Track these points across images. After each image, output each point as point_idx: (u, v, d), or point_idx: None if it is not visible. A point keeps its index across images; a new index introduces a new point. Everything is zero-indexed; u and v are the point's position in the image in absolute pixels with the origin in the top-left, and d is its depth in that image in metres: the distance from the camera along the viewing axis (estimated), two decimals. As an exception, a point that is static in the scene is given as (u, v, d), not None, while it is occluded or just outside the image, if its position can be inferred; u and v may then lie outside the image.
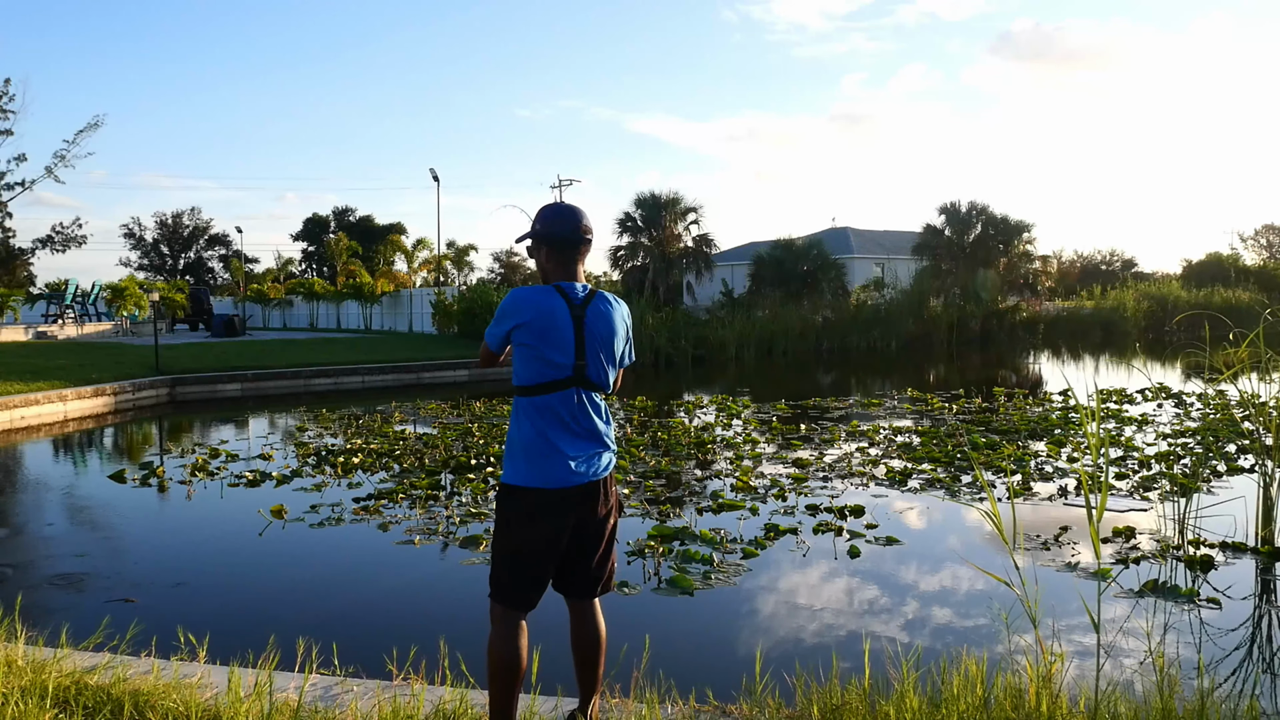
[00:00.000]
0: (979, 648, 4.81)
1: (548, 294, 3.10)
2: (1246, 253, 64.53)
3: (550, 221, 3.20)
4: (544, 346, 3.05)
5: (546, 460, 3.05)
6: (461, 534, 7.42)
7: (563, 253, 3.19)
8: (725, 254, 45.68)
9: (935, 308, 36.24)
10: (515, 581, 3.08)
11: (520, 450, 3.10)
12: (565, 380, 3.08)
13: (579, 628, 3.28)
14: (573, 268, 3.20)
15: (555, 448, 3.05)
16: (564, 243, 3.18)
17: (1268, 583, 6.20)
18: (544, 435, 3.06)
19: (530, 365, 3.08)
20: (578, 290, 3.15)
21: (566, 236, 3.18)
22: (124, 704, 3.30)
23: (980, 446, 10.84)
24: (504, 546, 3.12)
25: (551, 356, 3.06)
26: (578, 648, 3.29)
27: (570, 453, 3.07)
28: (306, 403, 17.67)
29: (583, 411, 3.12)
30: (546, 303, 3.07)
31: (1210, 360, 7.58)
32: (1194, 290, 42.73)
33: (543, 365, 3.06)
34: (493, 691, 3.06)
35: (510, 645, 3.04)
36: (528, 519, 3.07)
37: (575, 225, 3.19)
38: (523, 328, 3.06)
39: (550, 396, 3.07)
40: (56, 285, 34.46)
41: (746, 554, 6.70)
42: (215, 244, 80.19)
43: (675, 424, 13.70)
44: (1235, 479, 8.92)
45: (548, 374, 3.07)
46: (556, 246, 3.19)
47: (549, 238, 3.19)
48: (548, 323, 3.05)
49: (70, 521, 8.39)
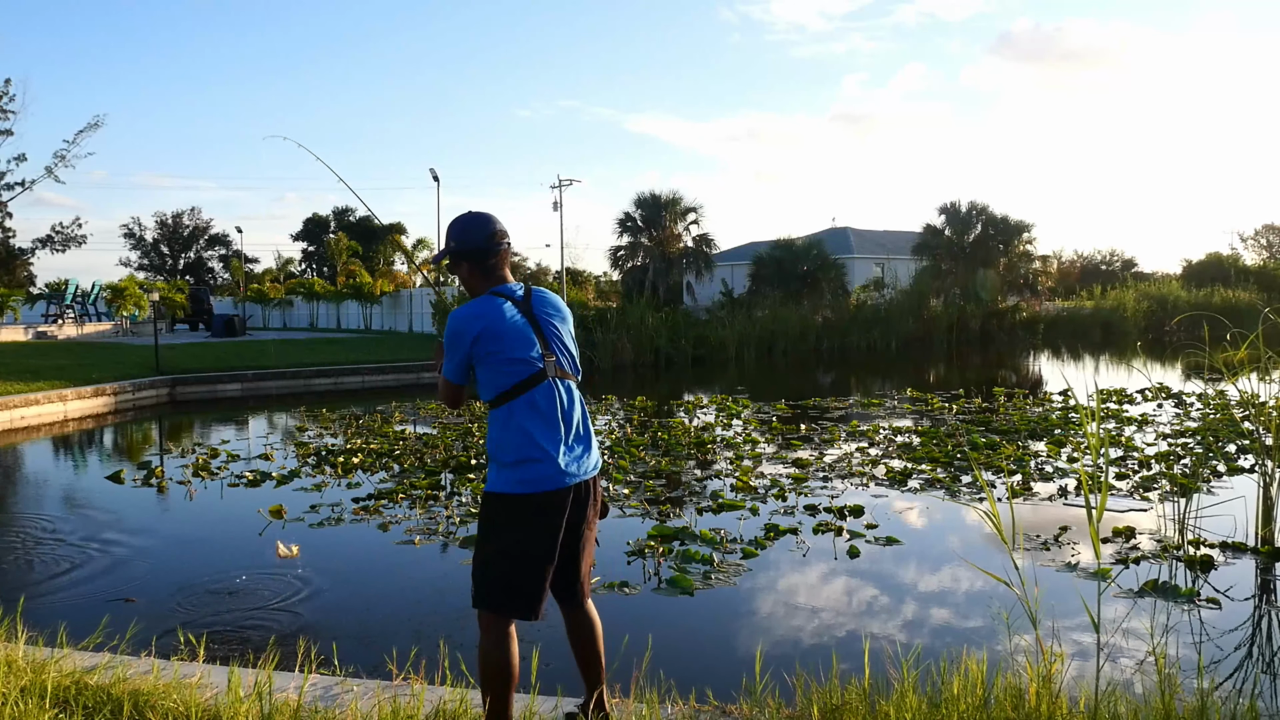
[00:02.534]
0: (979, 648, 4.81)
1: (487, 302, 3.08)
2: (1246, 253, 64.59)
3: (463, 235, 3.16)
4: (507, 349, 3.02)
5: (540, 464, 3.00)
6: (461, 534, 7.42)
7: (483, 263, 3.15)
8: (725, 254, 45.67)
9: (935, 308, 36.24)
10: (515, 591, 3.02)
11: (507, 456, 3.03)
12: (539, 374, 3.05)
13: (577, 628, 3.27)
14: (498, 273, 3.17)
15: (543, 449, 3.01)
16: (481, 253, 3.15)
17: (1268, 583, 6.20)
18: (530, 437, 3.00)
19: (499, 372, 3.04)
20: (515, 289, 3.14)
21: (481, 247, 3.15)
22: (124, 704, 3.29)
23: (980, 446, 10.84)
24: (498, 556, 3.04)
25: (519, 355, 3.03)
26: (578, 646, 3.28)
27: (557, 452, 3.02)
28: (306, 403, 17.67)
29: (563, 401, 3.08)
30: (491, 309, 3.05)
31: (1210, 360, 7.57)
32: (1194, 290, 42.70)
33: (512, 366, 3.03)
34: (490, 699, 3.04)
35: (504, 652, 3.02)
36: (524, 526, 3.01)
37: (488, 233, 3.15)
38: (479, 340, 3.02)
39: (530, 393, 3.03)
40: (56, 285, 34.47)
41: (746, 554, 6.70)
42: (215, 244, 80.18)
43: (675, 424, 13.70)
44: (1235, 479, 8.92)
45: (520, 372, 3.04)
46: (475, 259, 3.15)
47: (466, 252, 3.16)
48: (502, 326, 3.02)
49: (70, 521, 8.39)
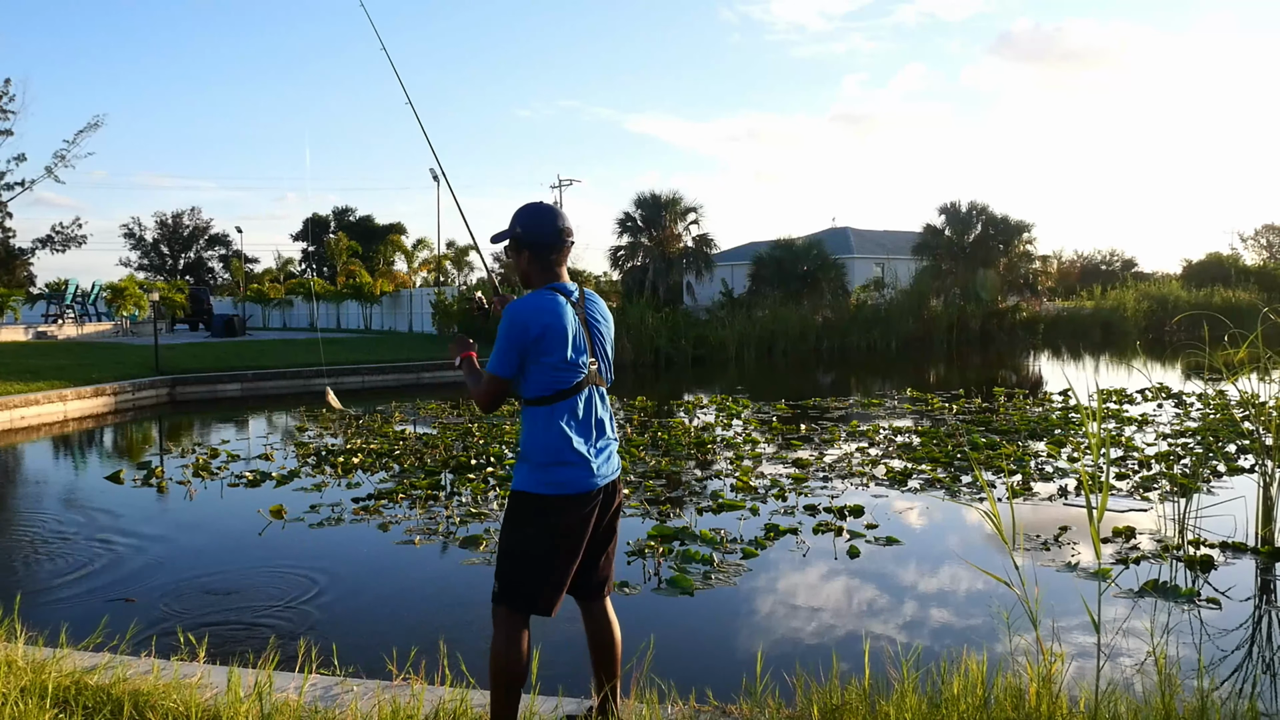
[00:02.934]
0: (979, 648, 4.80)
1: (552, 300, 3.03)
2: (1246, 253, 64.60)
3: (531, 224, 3.11)
4: (564, 352, 2.99)
5: (574, 467, 3.02)
6: (461, 534, 7.42)
7: (545, 256, 3.11)
8: (725, 254, 45.66)
9: (935, 308, 36.23)
10: (538, 588, 3.03)
11: (546, 458, 3.01)
12: (585, 380, 3.06)
13: (596, 629, 3.27)
14: (557, 269, 3.14)
15: (579, 453, 3.02)
16: (546, 247, 3.11)
17: (1268, 583, 6.20)
18: (568, 441, 3.01)
19: (550, 374, 3.00)
20: (571, 290, 3.11)
21: (548, 241, 3.11)
22: (124, 704, 3.29)
23: (980, 446, 10.84)
24: (524, 553, 3.04)
25: (574, 359, 3.01)
26: (596, 647, 3.28)
27: (591, 456, 3.05)
28: (306, 403, 17.67)
29: (597, 407, 3.10)
30: (556, 308, 3.01)
31: (1210, 360, 7.57)
32: (1194, 290, 42.69)
33: (563, 371, 3.00)
34: (497, 697, 3.04)
35: (516, 650, 3.02)
36: (555, 526, 3.01)
37: (558, 228, 3.11)
38: (541, 340, 2.97)
39: (574, 398, 3.04)
40: (56, 285, 34.47)
41: (746, 554, 6.70)
42: (215, 244, 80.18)
43: (675, 424, 13.69)
44: (1235, 479, 8.92)
45: (569, 378, 3.02)
46: (538, 251, 3.11)
47: (531, 242, 3.11)
48: (564, 328, 2.99)
49: (70, 522, 8.39)
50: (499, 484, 9.18)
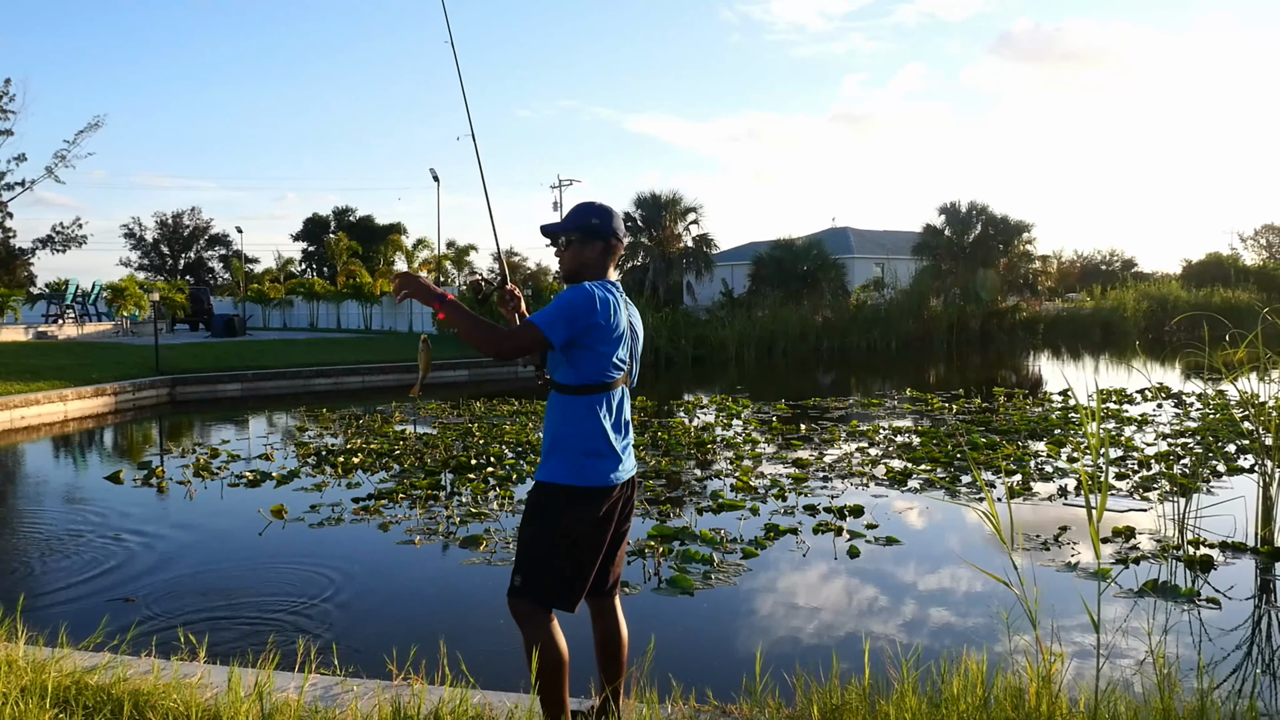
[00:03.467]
0: (979, 648, 4.81)
1: (615, 295, 3.12)
2: (1246, 253, 64.69)
3: (607, 217, 3.22)
4: (613, 346, 3.07)
5: (606, 460, 3.07)
6: (462, 534, 7.42)
7: (612, 253, 3.23)
8: (725, 254, 45.67)
9: (935, 308, 36.24)
10: (563, 581, 3.07)
11: (578, 449, 3.05)
12: (623, 377, 3.15)
13: (606, 626, 3.29)
14: (609, 269, 3.24)
15: (611, 446, 3.09)
16: (611, 247, 3.22)
17: (1268, 583, 6.20)
18: (604, 434, 3.07)
19: (596, 364, 3.05)
20: (620, 291, 3.20)
21: (617, 239, 3.23)
22: (124, 704, 3.29)
23: (980, 446, 10.84)
24: (550, 546, 3.06)
25: (620, 355, 3.10)
26: (604, 645, 3.30)
27: (619, 450, 3.12)
28: (306, 403, 17.67)
29: (624, 405, 3.18)
30: (616, 302, 3.10)
31: (1210, 360, 7.57)
32: (1194, 290, 42.73)
33: (608, 364, 3.07)
34: (546, 689, 3.05)
35: (551, 637, 3.06)
36: (586, 518, 3.05)
37: (623, 230, 3.28)
38: (597, 327, 3.02)
39: (610, 392, 3.11)
40: (56, 285, 34.45)
41: (746, 554, 6.70)
42: (215, 244, 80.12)
43: (675, 424, 13.70)
44: (1235, 479, 8.93)
45: (611, 373, 3.09)
46: (612, 244, 3.22)
47: (604, 235, 3.20)
48: (619, 322, 3.08)
49: (70, 521, 8.39)
50: (499, 484, 9.18)
